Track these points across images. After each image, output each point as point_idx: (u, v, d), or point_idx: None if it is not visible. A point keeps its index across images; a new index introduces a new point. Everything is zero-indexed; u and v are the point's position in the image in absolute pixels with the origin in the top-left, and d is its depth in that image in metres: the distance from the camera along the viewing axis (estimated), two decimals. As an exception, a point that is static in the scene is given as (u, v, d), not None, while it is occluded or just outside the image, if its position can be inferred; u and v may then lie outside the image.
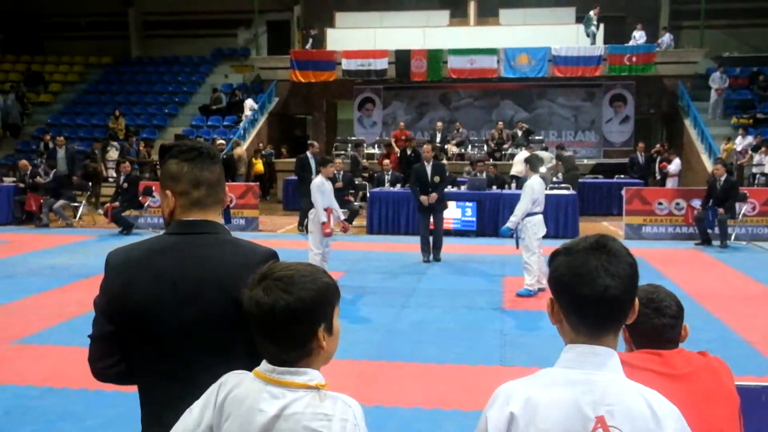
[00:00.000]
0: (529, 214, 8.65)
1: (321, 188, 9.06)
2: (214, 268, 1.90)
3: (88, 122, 22.79)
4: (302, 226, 13.86)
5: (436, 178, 10.88)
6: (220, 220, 2.05)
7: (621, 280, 1.54)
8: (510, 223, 8.85)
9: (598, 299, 1.53)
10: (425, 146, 11.50)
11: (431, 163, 11.00)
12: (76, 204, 15.89)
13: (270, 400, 1.62)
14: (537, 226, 8.67)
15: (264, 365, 1.67)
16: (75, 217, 15.66)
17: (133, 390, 2.02)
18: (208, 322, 1.87)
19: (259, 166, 20.12)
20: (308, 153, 14.20)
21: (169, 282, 1.90)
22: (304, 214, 13.86)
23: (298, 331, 1.64)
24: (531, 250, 8.64)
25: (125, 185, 14.39)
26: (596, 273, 1.54)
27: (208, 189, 2.01)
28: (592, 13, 21.04)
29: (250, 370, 1.70)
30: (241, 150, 18.82)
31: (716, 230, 12.42)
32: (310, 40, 22.91)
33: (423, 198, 10.87)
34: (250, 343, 1.72)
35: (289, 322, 1.62)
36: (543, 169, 16.17)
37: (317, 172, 13.84)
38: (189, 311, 1.88)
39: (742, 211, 12.88)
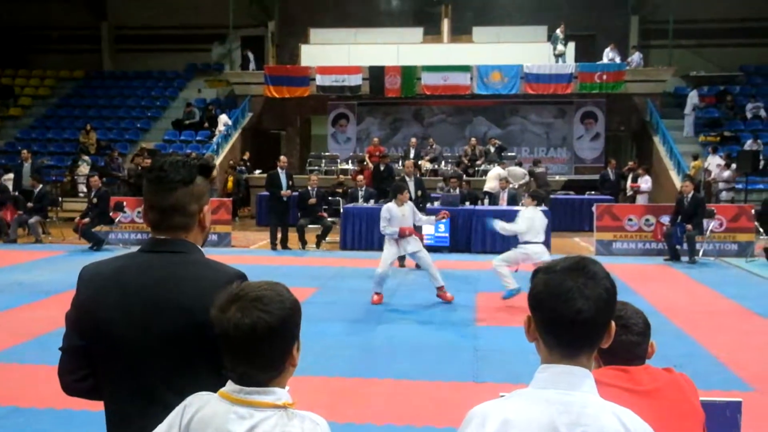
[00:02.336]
0: (528, 242, 8.93)
1: (385, 215, 9.03)
2: (180, 287, 1.89)
3: (59, 137, 22.56)
4: (275, 244, 13.82)
5: (418, 192, 11.36)
6: (198, 239, 2.03)
7: (595, 303, 1.55)
8: (501, 227, 9.17)
9: (572, 320, 1.54)
10: (407, 162, 11.87)
11: (413, 179, 11.32)
12: (47, 219, 15.68)
13: (238, 420, 1.61)
14: (530, 254, 8.87)
15: (230, 386, 1.66)
16: (44, 232, 15.45)
17: (101, 409, 2.00)
18: (172, 341, 1.86)
19: (229, 183, 19.51)
20: (278, 168, 14.18)
21: (134, 299, 1.90)
22: (275, 231, 13.87)
23: (276, 350, 1.64)
24: (507, 260, 8.98)
25: (95, 200, 14.23)
26: (571, 294, 1.55)
27: (160, 214, 1.98)
28: (558, 31, 21.37)
29: (216, 390, 1.69)
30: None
31: (685, 246, 12.62)
32: (251, 60, 23.14)
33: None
34: (216, 363, 1.72)
35: (268, 342, 1.62)
36: (515, 186, 16.44)
37: (288, 187, 13.88)
38: (154, 329, 1.87)
39: (710, 228, 13.09)
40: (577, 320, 1.54)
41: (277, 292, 1.66)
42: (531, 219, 9.00)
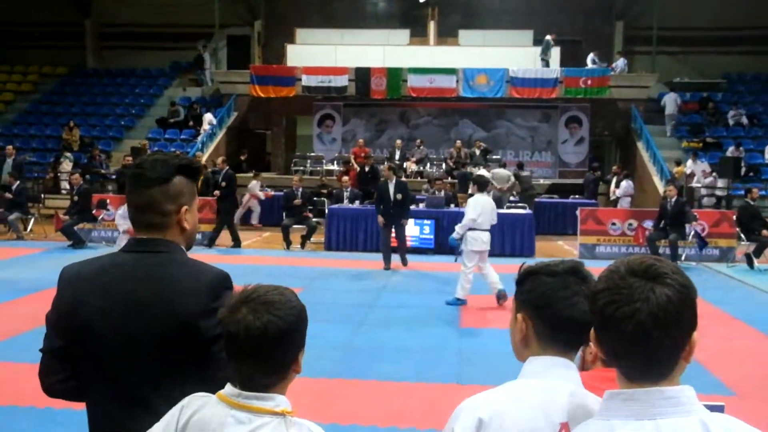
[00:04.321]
0: (471, 229, 8.82)
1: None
2: (163, 288, 1.87)
3: (42, 133, 22.34)
4: (214, 243, 13.99)
5: (399, 196, 11.42)
6: (178, 240, 1.99)
7: None
8: (456, 233, 9.10)
9: (577, 321, 1.61)
10: (383, 166, 12.05)
11: (393, 181, 11.51)
12: (27, 216, 15.51)
13: (235, 425, 1.59)
14: (474, 241, 8.82)
15: (229, 389, 1.63)
16: (25, 229, 15.29)
17: (82, 408, 1.98)
18: (156, 343, 1.83)
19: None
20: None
21: (117, 300, 1.87)
22: (221, 228, 14.01)
23: (284, 354, 1.63)
24: (465, 264, 8.91)
25: (76, 198, 14.08)
26: (577, 298, 1.63)
27: (136, 211, 1.97)
28: (549, 37, 21.45)
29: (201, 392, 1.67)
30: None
31: (668, 251, 12.72)
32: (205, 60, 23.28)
33: (380, 219, 11.61)
34: (202, 365, 1.69)
35: (278, 346, 1.61)
36: (500, 188, 16.48)
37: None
38: (136, 330, 1.84)
39: (692, 233, 13.19)
40: (582, 322, 1.59)
41: (287, 298, 1.65)
42: (479, 204, 8.84)
